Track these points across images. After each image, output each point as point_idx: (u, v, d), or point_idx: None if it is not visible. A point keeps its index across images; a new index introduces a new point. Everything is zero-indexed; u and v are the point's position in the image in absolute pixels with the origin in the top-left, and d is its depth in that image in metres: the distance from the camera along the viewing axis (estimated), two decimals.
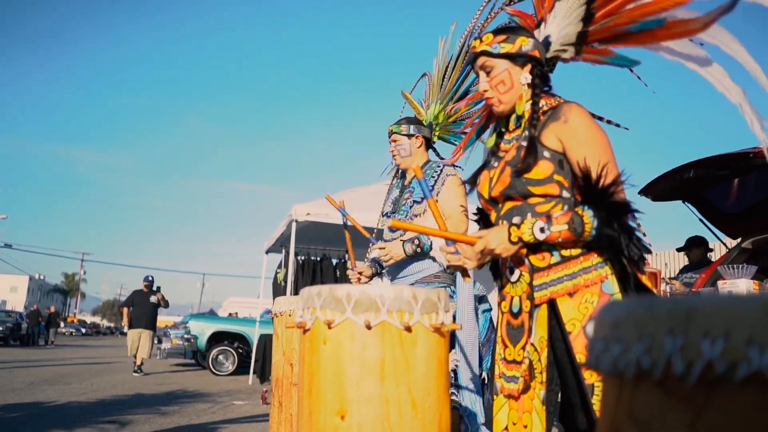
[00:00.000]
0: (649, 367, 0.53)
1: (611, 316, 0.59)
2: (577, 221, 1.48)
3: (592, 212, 1.48)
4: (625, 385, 0.55)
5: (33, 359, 13.37)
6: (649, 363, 0.54)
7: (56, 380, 8.45)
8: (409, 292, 1.33)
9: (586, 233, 1.47)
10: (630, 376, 0.53)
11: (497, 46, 1.68)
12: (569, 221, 1.49)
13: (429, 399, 1.31)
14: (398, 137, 2.90)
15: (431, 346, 1.33)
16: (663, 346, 0.53)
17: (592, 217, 1.47)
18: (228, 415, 5.48)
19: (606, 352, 0.56)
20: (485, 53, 1.70)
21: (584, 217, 1.48)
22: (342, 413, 1.27)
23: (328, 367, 1.30)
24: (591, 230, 1.46)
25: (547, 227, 1.50)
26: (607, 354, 0.56)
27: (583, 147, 1.54)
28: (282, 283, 8.70)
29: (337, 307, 1.31)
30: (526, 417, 1.53)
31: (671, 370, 0.52)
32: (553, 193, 1.57)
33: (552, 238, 1.51)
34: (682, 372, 0.50)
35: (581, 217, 1.48)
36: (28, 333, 22.89)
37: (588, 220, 1.47)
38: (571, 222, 1.48)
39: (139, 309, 10.44)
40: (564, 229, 1.49)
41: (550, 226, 1.50)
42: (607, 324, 0.59)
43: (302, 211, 7.55)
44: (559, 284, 1.54)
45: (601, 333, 0.59)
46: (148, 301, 10.50)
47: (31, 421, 4.83)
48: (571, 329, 1.49)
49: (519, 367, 1.57)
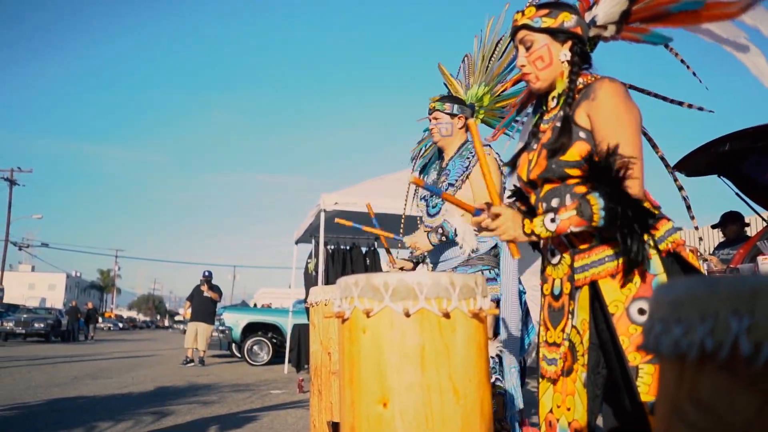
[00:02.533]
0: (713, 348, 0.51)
1: (670, 295, 0.57)
2: (584, 206, 1.45)
3: (598, 193, 1.44)
4: (687, 367, 0.53)
5: (74, 354, 13.73)
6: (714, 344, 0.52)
7: (98, 374, 8.67)
8: (446, 279, 1.32)
9: (596, 215, 1.43)
10: (693, 357, 0.51)
11: (538, 20, 1.64)
12: (577, 207, 1.46)
13: (470, 385, 1.30)
14: (440, 115, 2.84)
15: (470, 332, 1.32)
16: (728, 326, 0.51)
17: (598, 198, 1.43)
18: (266, 403, 5.57)
19: (666, 333, 0.54)
20: (526, 26, 1.66)
21: (591, 201, 1.44)
22: (384, 401, 1.27)
23: (368, 356, 1.30)
24: (599, 210, 1.43)
25: (558, 217, 1.49)
26: (667, 335, 0.54)
27: (604, 125, 1.51)
28: (313, 273, 8.76)
29: (375, 296, 1.31)
30: (569, 400, 1.52)
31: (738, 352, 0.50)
32: None
33: (563, 226, 1.48)
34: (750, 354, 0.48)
35: (588, 201, 1.45)
36: (68, 329, 23.50)
37: (595, 202, 1.43)
38: (578, 207, 1.46)
39: (196, 303, 11.00)
40: (573, 215, 1.46)
41: (559, 216, 1.48)
42: (667, 304, 0.57)
43: (330, 201, 7.57)
44: (600, 265, 1.51)
45: (660, 313, 0.57)
46: (203, 295, 10.94)
47: (76, 414, 4.97)
48: (614, 311, 1.46)
49: (558, 350, 1.55)
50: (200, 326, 10.74)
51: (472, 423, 1.30)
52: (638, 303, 1.44)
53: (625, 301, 1.46)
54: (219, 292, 11.31)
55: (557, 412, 1.55)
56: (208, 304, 11.00)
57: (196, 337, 10.70)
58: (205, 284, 11.04)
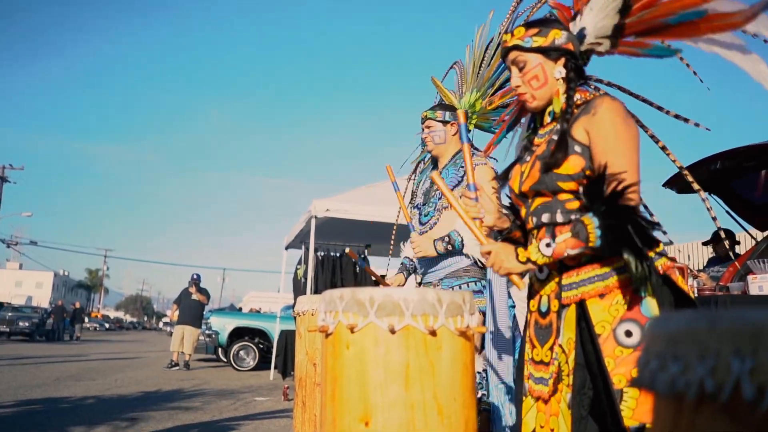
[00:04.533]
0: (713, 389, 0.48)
1: (667, 329, 0.53)
2: (579, 227, 1.42)
3: (592, 213, 1.41)
4: (684, 407, 0.50)
5: (58, 354, 13.57)
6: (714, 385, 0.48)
7: (81, 376, 8.55)
8: (433, 295, 1.29)
9: (592, 237, 1.40)
10: (691, 397, 0.48)
11: (529, 39, 1.62)
12: (572, 230, 1.44)
13: (455, 404, 1.27)
14: (432, 123, 2.82)
15: (457, 350, 1.29)
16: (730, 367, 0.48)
17: (592, 218, 1.40)
18: (250, 411, 5.49)
19: (662, 370, 0.51)
20: (517, 47, 1.64)
21: (585, 221, 1.41)
22: (366, 419, 1.23)
23: (351, 372, 1.26)
24: (595, 230, 1.39)
25: (553, 241, 1.46)
26: (663, 372, 0.51)
27: (603, 141, 1.48)
28: (302, 279, 8.70)
29: (360, 311, 1.27)
30: (553, 420, 1.48)
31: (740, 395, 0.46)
32: None
33: (559, 251, 1.46)
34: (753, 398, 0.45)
35: (582, 222, 1.42)
36: (54, 328, 23.26)
37: (589, 222, 1.40)
38: (574, 230, 1.43)
39: (183, 306, 10.90)
40: (568, 237, 1.43)
41: (554, 240, 1.46)
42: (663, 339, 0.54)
43: (321, 207, 7.53)
44: (589, 284, 1.48)
45: (656, 348, 0.54)
46: (191, 298, 10.86)
47: (57, 416, 4.88)
48: (600, 332, 1.43)
49: (547, 369, 1.52)
50: (187, 329, 10.62)
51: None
52: (625, 325, 1.42)
53: (612, 323, 1.43)
54: (207, 295, 11.22)
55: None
56: (195, 307, 10.90)
57: (183, 340, 10.59)
58: (193, 286, 10.96)
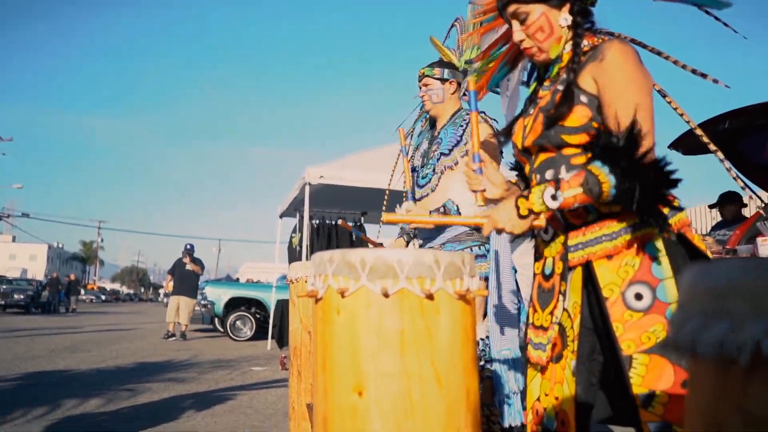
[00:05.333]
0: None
1: (712, 283, 0.45)
2: (592, 181, 1.29)
3: (608, 168, 1.29)
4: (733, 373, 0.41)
5: (54, 327, 13.56)
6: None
7: (76, 348, 8.53)
8: (430, 257, 1.20)
9: (605, 193, 1.29)
10: (743, 362, 0.40)
11: None
12: (582, 182, 1.31)
13: (454, 372, 1.19)
14: (430, 81, 2.71)
15: (456, 315, 1.21)
16: None
17: (608, 174, 1.28)
18: (247, 381, 5.48)
19: (706, 330, 0.42)
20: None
21: (600, 175, 1.29)
22: (359, 389, 1.16)
23: (342, 340, 1.18)
24: (610, 189, 1.28)
25: (559, 193, 1.33)
26: (707, 332, 0.42)
27: (612, 89, 1.37)
28: (297, 247, 8.63)
29: (351, 274, 1.18)
30: (557, 388, 1.41)
31: None
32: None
33: (566, 204, 1.34)
34: None
35: (596, 175, 1.29)
36: (49, 301, 23.25)
37: (605, 178, 1.28)
38: (585, 183, 1.30)
39: (178, 277, 10.87)
40: (578, 193, 1.31)
41: (562, 192, 1.33)
42: (706, 294, 0.45)
43: (315, 174, 7.42)
44: (597, 245, 1.39)
45: (697, 305, 0.45)
46: (185, 268, 10.82)
47: (51, 389, 4.84)
48: (608, 295, 1.35)
49: (545, 334, 1.44)
50: (182, 300, 10.62)
51: (456, 413, 1.19)
52: (635, 287, 1.33)
53: (621, 285, 1.35)
54: (201, 266, 11.18)
55: (545, 401, 1.45)
56: (190, 278, 10.88)
57: (178, 310, 10.58)
58: (187, 257, 10.91)
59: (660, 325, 1.28)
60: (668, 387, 1.24)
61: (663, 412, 1.24)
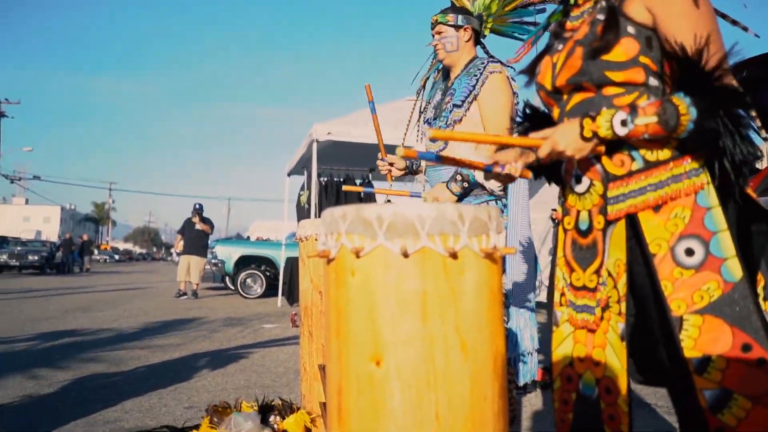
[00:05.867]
0: None
1: None
2: (670, 111, 1.17)
3: (690, 100, 1.16)
4: None
5: (68, 286, 13.69)
6: None
7: (90, 307, 8.58)
8: (453, 211, 1.08)
9: (682, 127, 1.17)
10: None
11: None
12: (659, 111, 1.17)
13: (481, 338, 1.09)
14: (444, 28, 2.54)
15: (482, 275, 1.10)
16: None
17: (689, 107, 1.16)
18: (258, 338, 5.47)
19: None
20: None
21: (680, 107, 1.16)
22: (377, 358, 1.06)
23: (358, 304, 1.08)
24: (688, 123, 1.16)
25: (631, 119, 1.19)
26: None
27: (679, 18, 1.22)
28: (305, 205, 8.54)
29: (367, 232, 1.07)
30: (597, 352, 1.30)
31: None
32: (637, 80, 1.26)
33: (636, 133, 1.20)
34: None
35: (676, 106, 1.17)
36: (63, 261, 23.49)
37: (685, 110, 1.16)
38: (662, 112, 1.17)
39: (188, 236, 10.91)
40: (652, 122, 1.18)
41: (634, 118, 1.19)
42: None
43: (323, 131, 7.26)
44: (641, 196, 1.26)
45: None
46: (194, 228, 10.82)
47: (63, 350, 4.85)
48: (655, 251, 1.23)
49: (594, 296, 1.32)
50: (192, 259, 10.65)
51: (482, 382, 1.09)
52: (686, 241, 1.21)
53: (670, 240, 1.23)
54: (211, 225, 11.17)
55: (579, 367, 1.34)
56: (200, 237, 10.90)
57: (189, 269, 10.62)
58: (196, 216, 10.88)
59: (714, 283, 1.17)
60: (726, 351, 1.13)
61: (721, 378, 1.13)
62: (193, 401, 3.06)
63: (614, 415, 1.28)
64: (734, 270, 1.16)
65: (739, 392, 1.12)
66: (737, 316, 1.14)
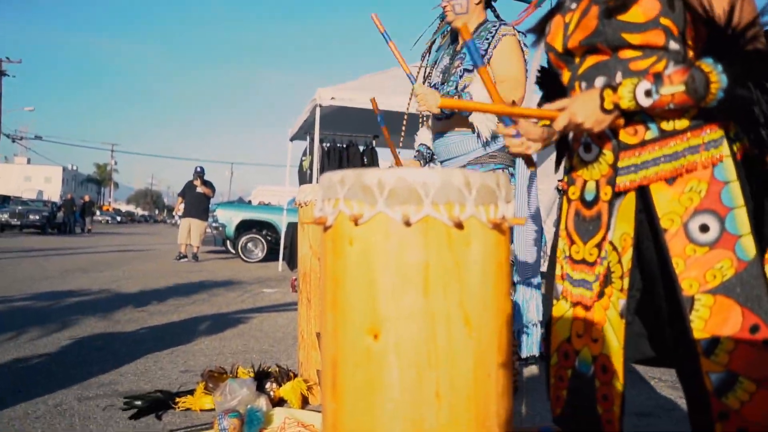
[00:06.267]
0: None
1: None
2: (699, 79, 1.08)
3: (721, 67, 1.08)
4: None
5: (68, 247, 13.70)
6: None
7: (90, 268, 8.57)
8: (460, 177, 1.01)
9: (711, 96, 1.08)
10: None
11: None
12: (687, 80, 1.09)
13: (486, 314, 1.03)
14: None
15: (489, 247, 1.03)
16: None
17: (720, 74, 1.07)
18: (257, 303, 5.44)
19: None
20: None
21: (711, 75, 1.08)
22: (375, 332, 1.00)
23: (356, 275, 1.02)
24: (718, 91, 1.07)
25: (656, 89, 1.11)
26: None
27: None
28: (308, 170, 8.45)
29: (366, 198, 1.00)
30: (595, 330, 1.25)
31: None
32: (656, 42, 1.16)
33: (662, 103, 1.12)
34: None
35: (706, 73, 1.08)
36: (65, 221, 23.50)
37: (716, 78, 1.07)
38: (690, 80, 1.08)
39: (189, 199, 10.86)
40: (680, 91, 1.09)
41: (659, 87, 1.10)
42: None
43: (326, 96, 7.14)
44: (654, 167, 1.18)
45: None
46: (195, 191, 10.78)
47: (61, 309, 4.83)
48: (667, 226, 1.16)
49: (593, 270, 1.26)
50: (193, 222, 10.63)
51: (486, 360, 1.04)
52: (701, 217, 1.14)
53: (684, 215, 1.15)
54: (212, 188, 11.11)
55: (577, 342, 1.29)
56: (201, 200, 10.85)
57: (190, 232, 10.60)
58: (198, 179, 10.81)
59: (728, 261, 1.10)
60: (735, 332, 1.08)
61: (728, 361, 1.08)
62: (189, 365, 3.04)
63: (608, 396, 1.23)
64: (748, 248, 1.10)
65: (744, 375, 1.07)
66: (749, 296, 1.08)
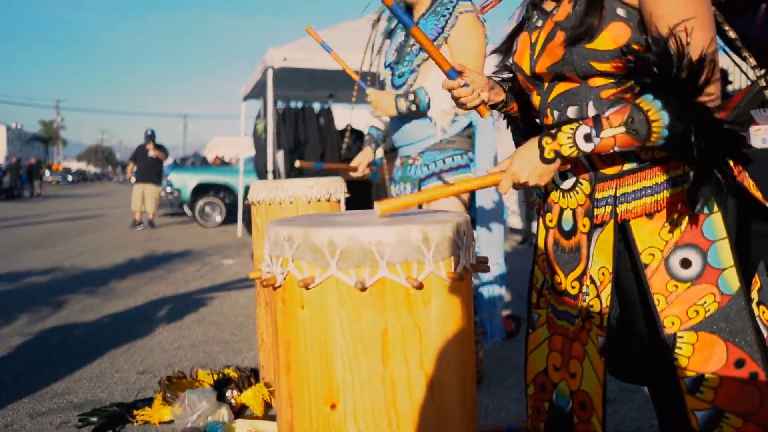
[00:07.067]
0: None
1: None
2: (638, 119, 1.02)
3: (660, 103, 1.01)
4: None
5: (16, 216, 13.18)
6: None
7: (40, 242, 8.27)
8: (417, 234, 0.94)
9: (655, 135, 1.02)
10: None
11: None
12: (626, 120, 1.03)
13: (449, 372, 0.98)
14: None
15: (451, 302, 0.98)
16: None
17: (660, 111, 1.00)
18: (217, 279, 5.33)
19: None
20: None
21: (650, 113, 1.01)
22: (332, 401, 0.94)
23: (309, 339, 0.95)
24: (661, 129, 1.01)
25: (596, 133, 1.05)
26: None
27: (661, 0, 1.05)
28: (263, 134, 8.20)
29: (317, 260, 0.93)
30: (574, 364, 1.21)
31: None
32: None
33: (604, 147, 1.06)
34: None
35: (645, 112, 1.02)
36: (11, 186, 22.58)
37: (656, 116, 1.01)
38: (629, 121, 1.02)
39: (141, 164, 10.43)
40: (620, 133, 1.03)
41: (599, 131, 1.04)
42: None
43: (278, 56, 6.85)
44: (634, 200, 1.13)
45: None
46: (148, 155, 10.36)
47: (10, 297, 4.65)
48: (648, 261, 1.12)
49: (575, 304, 1.21)
50: (147, 188, 10.25)
51: (450, 419, 1.00)
52: (682, 252, 1.09)
53: (665, 249, 1.11)
54: (165, 152, 10.72)
55: (554, 376, 1.26)
56: (153, 165, 10.44)
57: (144, 199, 10.26)
58: (150, 143, 10.38)
59: (710, 297, 1.06)
60: (719, 368, 1.05)
61: (713, 398, 1.05)
62: (147, 364, 2.94)
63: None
64: (731, 281, 1.06)
65: (730, 411, 1.05)
66: (733, 331, 1.05)
